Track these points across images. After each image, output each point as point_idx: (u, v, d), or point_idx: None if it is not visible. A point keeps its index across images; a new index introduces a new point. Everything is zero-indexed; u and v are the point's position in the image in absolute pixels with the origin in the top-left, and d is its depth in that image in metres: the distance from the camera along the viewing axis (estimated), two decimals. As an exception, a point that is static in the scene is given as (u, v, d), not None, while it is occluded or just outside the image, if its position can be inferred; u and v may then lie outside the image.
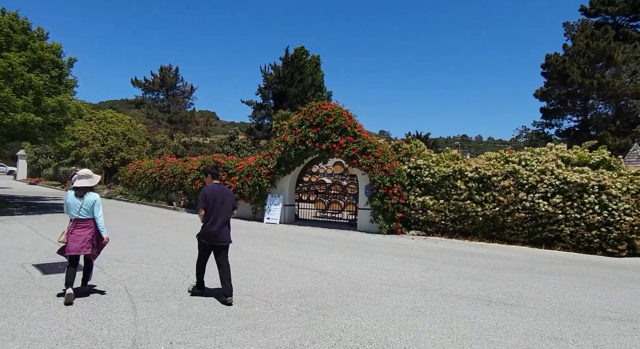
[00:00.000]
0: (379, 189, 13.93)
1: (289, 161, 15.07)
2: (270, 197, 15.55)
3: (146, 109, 47.42)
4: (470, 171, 13.78)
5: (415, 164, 14.53)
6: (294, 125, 15.00)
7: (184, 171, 17.42)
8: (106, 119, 38.13)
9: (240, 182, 15.72)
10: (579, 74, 28.10)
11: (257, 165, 15.40)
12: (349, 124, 14.41)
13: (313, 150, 14.65)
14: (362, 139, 14.29)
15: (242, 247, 9.07)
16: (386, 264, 8.14)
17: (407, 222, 14.61)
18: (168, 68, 49.58)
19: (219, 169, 5.72)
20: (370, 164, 14.01)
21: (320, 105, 14.85)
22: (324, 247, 9.96)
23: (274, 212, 15.28)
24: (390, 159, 14.31)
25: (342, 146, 14.27)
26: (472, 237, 13.81)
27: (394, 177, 13.93)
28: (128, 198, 21.36)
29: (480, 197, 13.52)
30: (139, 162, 21.77)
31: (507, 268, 8.59)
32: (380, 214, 14.11)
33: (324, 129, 14.44)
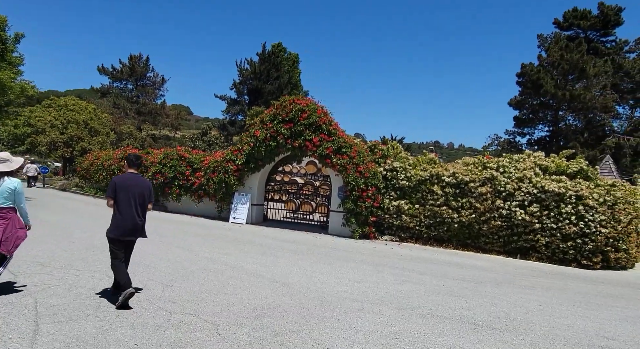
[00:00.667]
0: (353, 191, 13.20)
1: (258, 158, 14.11)
2: (237, 196, 14.52)
3: (113, 99, 45.01)
4: (447, 176, 13.26)
5: (391, 167, 13.89)
6: (265, 119, 14.05)
7: (144, 164, 16.10)
8: (67, 107, 35.82)
9: (205, 179, 14.62)
10: (552, 85, 28.46)
11: (224, 160, 14.35)
12: (324, 121, 13.60)
13: (285, 147, 13.76)
14: (337, 138, 13.52)
15: (198, 251, 8.08)
16: (358, 274, 7.36)
17: (380, 227, 13.94)
18: (138, 57, 47.31)
19: (141, 157, 5.19)
20: (344, 164, 13.26)
21: (294, 99, 13.97)
22: (291, 252, 9.08)
23: (241, 212, 14.27)
24: (366, 160, 13.61)
25: (315, 144, 13.45)
26: (447, 244, 13.29)
27: (369, 179, 13.23)
28: (84, 191, 19.76)
29: (457, 203, 13.02)
30: (97, 153, 20.19)
31: (487, 281, 7.99)
32: (353, 218, 13.38)
33: (297, 125, 13.58)
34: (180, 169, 15.03)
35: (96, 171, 18.83)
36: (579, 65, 27.34)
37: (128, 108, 44.41)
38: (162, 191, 15.41)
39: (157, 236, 9.30)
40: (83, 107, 37.15)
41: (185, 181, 15.03)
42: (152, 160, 15.79)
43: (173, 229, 10.88)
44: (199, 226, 12.37)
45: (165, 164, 15.20)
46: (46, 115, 33.18)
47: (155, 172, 15.24)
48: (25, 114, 34.69)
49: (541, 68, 29.34)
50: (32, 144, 31.32)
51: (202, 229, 11.51)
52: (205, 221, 13.95)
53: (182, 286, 5.33)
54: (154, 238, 9.06)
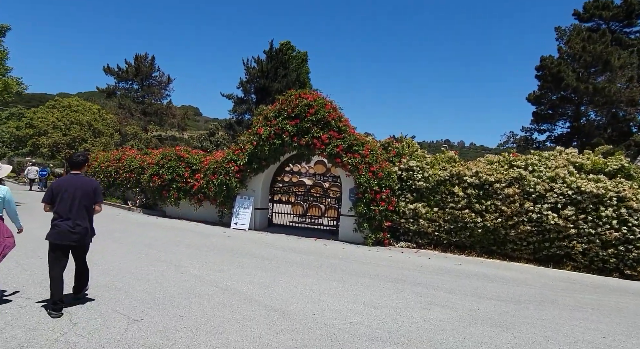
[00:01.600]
0: (365, 194, 12.00)
1: (262, 158, 12.98)
2: (239, 199, 13.42)
3: (118, 99, 44.39)
4: (469, 176, 12.00)
5: (407, 166, 12.66)
6: (269, 116, 12.92)
7: (141, 166, 15.13)
8: (71, 108, 35.17)
9: (205, 181, 13.54)
10: (574, 78, 26.89)
11: (224, 161, 13.26)
12: (333, 117, 12.43)
13: (290, 145, 12.61)
14: (348, 135, 12.33)
15: (187, 267, 6.96)
16: (375, 294, 6.18)
17: (395, 232, 12.73)
18: (144, 57, 46.64)
19: (83, 157, 4.91)
20: (356, 164, 12.07)
21: (301, 94, 12.82)
22: (296, 266, 7.93)
23: (243, 217, 13.16)
24: (379, 160, 12.40)
25: (324, 142, 12.28)
26: (470, 251, 12.03)
27: (382, 180, 12.02)
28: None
29: (481, 206, 11.75)
30: (94, 155, 19.29)
31: (527, 300, 6.76)
32: (366, 223, 12.18)
33: (303, 121, 12.43)
34: (179, 171, 13.99)
35: (93, 173, 17.91)
36: (603, 57, 25.74)
37: (134, 109, 43.76)
38: (159, 195, 14.39)
39: (144, 247, 8.24)
40: (87, 108, 36.49)
41: (184, 184, 13.99)
42: (150, 161, 14.78)
43: (165, 238, 9.82)
44: (196, 233, 11.29)
45: (162, 165, 14.17)
46: (49, 116, 32.53)
47: (152, 174, 14.22)
48: (28, 115, 34.16)
49: (562, 61, 27.77)
50: (35, 145, 30.71)
51: (199, 238, 10.43)
52: (205, 227, 12.87)
53: (154, 321, 4.20)
54: (139, 250, 8.00)
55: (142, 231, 10.74)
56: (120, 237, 9.33)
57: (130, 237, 9.49)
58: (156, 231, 10.92)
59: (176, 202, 14.18)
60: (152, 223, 12.45)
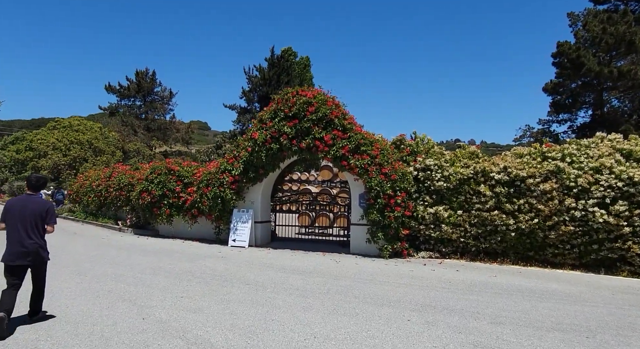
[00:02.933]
0: (378, 199, 10.49)
1: (259, 165, 11.57)
2: (236, 213, 12.00)
3: (120, 117, 43.72)
4: (497, 172, 10.41)
5: (423, 165, 11.12)
6: (264, 118, 11.54)
7: (130, 182, 13.85)
8: (72, 127, 34.49)
9: (198, 194, 12.17)
10: (595, 62, 25.03)
11: (218, 171, 11.88)
12: (336, 114, 10.99)
13: (290, 149, 11.18)
14: (354, 134, 10.87)
15: (156, 306, 5.47)
16: (399, 336, 4.65)
17: (414, 241, 11.16)
18: (144, 72, 45.97)
19: (40, 179, 4.92)
20: (365, 165, 10.58)
21: (299, 90, 11.42)
22: (297, 294, 6.42)
23: (242, 233, 11.72)
24: (391, 159, 10.89)
25: (327, 143, 10.83)
26: (502, 259, 10.40)
27: (396, 183, 10.49)
28: (75, 216, 17.72)
29: (512, 206, 10.13)
30: (87, 173, 18.13)
31: (597, 326, 5.15)
32: (380, 232, 10.64)
33: (303, 121, 11.01)
34: (169, 185, 12.64)
35: (85, 193, 16.72)
36: (626, 37, 23.87)
37: (137, 125, 42.99)
38: (150, 213, 13.04)
39: (111, 281, 6.81)
40: (89, 127, 35.84)
41: (176, 199, 12.63)
42: (139, 177, 13.48)
43: (143, 266, 8.37)
44: (185, 256, 9.86)
45: (152, 180, 12.85)
46: (49, 137, 31.85)
47: (142, 190, 12.90)
48: (28, 138, 33.58)
49: (580, 45, 25.94)
50: (34, 168, 29.93)
51: (185, 262, 8.97)
52: (199, 247, 11.45)
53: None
54: (102, 285, 6.59)
55: (121, 257, 9.34)
56: (89, 268, 7.92)
57: (101, 267, 8.07)
58: (137, 256, 9.53)
59: (168, 220, 12.82)
60: (138, 246, 11.08)
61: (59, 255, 9.28)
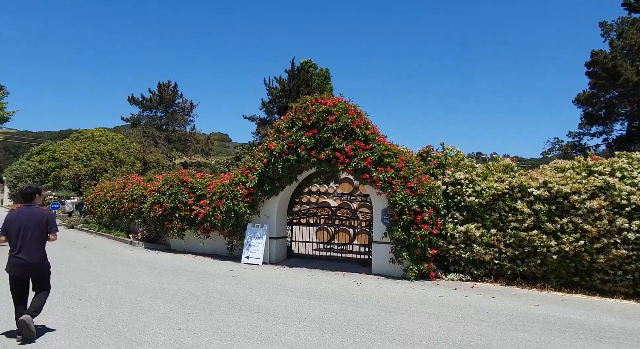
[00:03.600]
0: (403, 215, 9.62)
1: (274, 177, 10.88)
2: (250, 228, 11.30)
3: (142, 128, 44.29)
4: (536, 187, 9.41)
5: (453, 179, 10.21)
6: (281, 127, 10.89)
7: (143, 193, 13.37)
8: (94, 138, 34.85)
9: (210, 207, 11.55)
10: (633, 72, 23.58)
11: (231, 184, 11.25)
12: (358, 123, 10.24)
13: (308, 161, 10.46)
14: (377, 145, 10.08)
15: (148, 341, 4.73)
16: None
17: (443, 262, 10.20)
18: (166, 84, 46.61)
19: (32, 189, 5.04)
20: (388, 179, 9.75)
21: (318, 99, 10.75)
22: (313, 327, 5.59)
23: (256, 249, 10.99)
24: (417, 172, 10.03)
25: (348, 154, 10.07)
26: (543, 284, 9.32)
27: (423, 198, 9.61)
28: (89, 227, 17.42)
29: (554, 225, 9.10)
30: (102, 184, 17.86)
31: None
32: (405, 251, 9.73)
33: (322, 131, 10.30)
34: (182, 198, 12.08)
35: (99, 204, 16.40)
36: (667, 45, 22.42)
37: (157, 136, 43.39)
38: (161, 226, 12.48)
39: (105, 305, 6.12)
40: (110, 138, 36.16)
41: (188, 212, 12.05)
42: (152, 188, 12.99)
43: (145, 286, 7.69)
44: (194, 274, 9.17)
45: (164, 192, 12.32)
46: (71, 148, 32.16)
47: (153, 202, 12.38)
48: (51, 148, 34.08)
49: (617, 54, 24.55)
50: (56, 178, 30.19)
51: (192, 282, 8.26)
52: (210, 264, 10.76)
53: None
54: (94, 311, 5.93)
55: (124, 275, 8.71)
56: (85, 288, 7.28)
57: (99, 287, 7.41)
58: (142, 274, 8.89)
59: (180, 234, 12.22)
60: (145, 262, 10.47)
61: (60, 271, 8.74)
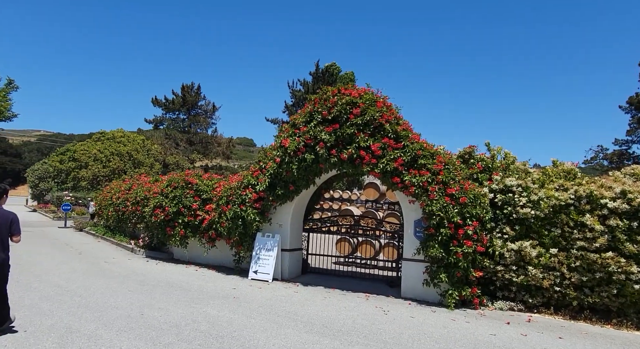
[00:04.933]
0: (441, 228, 7.92)
1: (288, 180, 9.38)
2: (259, 238, 9.81)
3: (164, 130, 43.99)
4: (611, 198, 7.53)
5: (502, 186, 8.44)
6: (297, 122, 9.40)
7: (146, 196, 12.14)
8: (115, 139, 34.51)
9: (216, 213, 10.15)
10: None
11: (239, 186, 9.82)
12: (388, 118, 8.64)
13: (327, 161, 8.91)
14: (410, 143, 8.44)
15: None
16: None
17: (488, 285, 8.41)
18: (190, 86, 46.22)
19: (3, 190, 4.96)
20: (424, 184, 8.09)
21: (341, 89, 9.21)
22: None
23: (265, 263, 9.49)
24: (459, 177, 8.30)
25: (375, 153, 8.47)
26: (620, 320, 7.39)
27: (467, 208, 7.90)
28: (96, 230, 16.41)
29: (636, 246, 7.19)
30: (111, 185, 16.85)
31: None
32: (444, 272, 8.01)
33: (345, 126, 8.75)
34: (186, 201, 10.75)
35: (105, 206, 15.34)
36: None
37: (179, 138, 42.94)
38: (163, 232, 11.17)
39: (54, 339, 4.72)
40: (131, 139, 35.78)
41: (192, 217, 10.70)
42: (155, 190, 11.73)
43: (122, 309, 6.21)
44: (189, 293, 7.71)
45: (167, 194, 11.03)
46: (91, 148, 31.88)
47: (155, 206, 11.09)
48: (72, 148, 33.95)
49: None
50: (75, 178, 29.85)
51: (182, 305, 6.79)
52: (211, 279, 9.33)
53: None
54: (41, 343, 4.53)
55: (102, 294, 7.32)
56: (44, 312, 5.81)
57: (61, 312, 5.89)
58: (127, 292, 7.49)
59: (182, 242, 10.87)
60: (139, 275, 9.12)
61: (29, 287, 7.48)
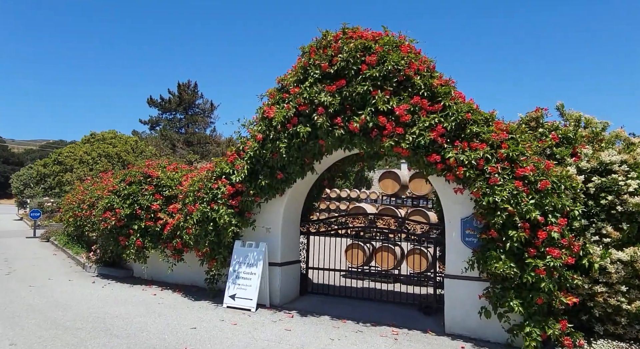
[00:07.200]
0: (509, 230, 5.09)
1: (275, 165, 6.57)
2: (238, 249, 7.02)
3: (160, 131, 41.71)
4: None
5: (596, 163, 5.58)
6: (286, 83, 6.58)
7: (99, 195, 9.41)
8: (105, 140, 32.07)
9: (182, 214, 7.39)
10: None
11: (209, 178, 7.05)
12: (418, 68, 5.84)
13: (330, 134, 6.09)
14: (454, 104, 5.63)
15: None
16: None
17: (578, 315, 5.53)
18: (187, 84, 43.90)
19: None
20: (478, 162, 5.28)
21: (347, 31, 6.39)
22: None
23: (246, 284, 6.69)
24: (529, 152, 5.47)
25: (401, 120, 5.67)
26: None
27: (548, 198, 5.06)
28: (59, 241, 13.79)
29: None
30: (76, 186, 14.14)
31: None
32: (515, 298, 5.16)
33: (355, 83, 5.96)
34: (143, 201, 8.01)
35: (66, 210, 12.68)
36: None
37: (176, 139, 40.54)
38: (115, 242, 8.40)
39: None
40: (124, 140, 33.39)
41: (152, 222, 7.95)
42: (109, 188, 8.99)
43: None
44: (119, 342, 4.99)
45: (119, 192, 8.30)
46: (78, 150, 29.39)
47: (106, 208, 8.35)
48: (57, 151, 31.55)
49: None
50: (59, 183, 27.39)
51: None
52: (170, 309, 6.56)
53: None
54: None
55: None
56: None
57: None
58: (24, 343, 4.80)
59: (139, 255, 8.10)
60: (61, 308, 6.36)
61: None
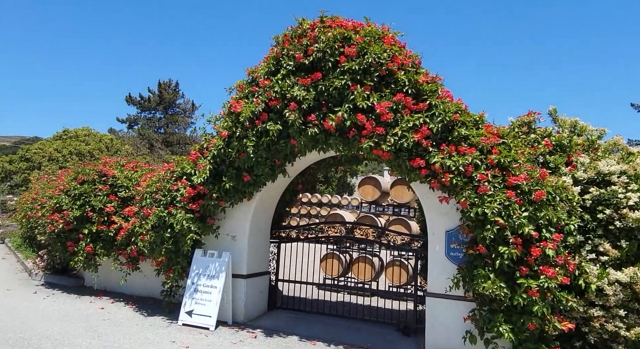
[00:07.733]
0: (499, 245, 4.51)
1: (242, 166, 5.87)
2: (199, 259, 6.27)
3: (138, 129, 40.48)
4: None
5: (593, 173, 5.07)
6: (257, 75, 5.91)
7: (49, 194, 8.52)
8: (78, 138, 30.77)
9: (138, 219, 6.60)
10: None
11: (168, 179, 6.30)
12: (403, 62, 5.26)
13: (302, 133, 5.44)
14: (441, 103, 5.06)
15: None
16: None
17: (570, 340, 4.99)
18: (167, 83, 42.77)
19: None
20: (466, 168, 4.70)
21: (325, 19, 5.77)
22: None
23: (205, 298, 5.95)
24: (522, 159, 4.93)
25: (381, 119, 5.07)
26: None
27: (543, 210, 4.50)
28: (12, 242, 12.72)
29: None
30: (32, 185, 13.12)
31: None
32: (504, 323, 4.57)
33: (332, 76, 5.35)
34: (95, 202, 7.19)
35: (20, 210, 11.68)
36: None
37: (154, 139, 39.32)
38: (63, 248, 7.52)
39: None
40: (98, 138, 32.17)
41: (104, 226, 7.13)
42: (59, 186, 8.12)
43: None
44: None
45: (69, 191, 7.47)
46: (47, 147, 28.02)
47: (54, 209, 7.49)
48: (24, 147, 30.13)
49: None
50: (25, 181, 26.02)
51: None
52: (116, 327, 5.77)
53: None
54: None
55: None
56: None
57: None
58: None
59: (89, 262, 7.26)
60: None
61: None
